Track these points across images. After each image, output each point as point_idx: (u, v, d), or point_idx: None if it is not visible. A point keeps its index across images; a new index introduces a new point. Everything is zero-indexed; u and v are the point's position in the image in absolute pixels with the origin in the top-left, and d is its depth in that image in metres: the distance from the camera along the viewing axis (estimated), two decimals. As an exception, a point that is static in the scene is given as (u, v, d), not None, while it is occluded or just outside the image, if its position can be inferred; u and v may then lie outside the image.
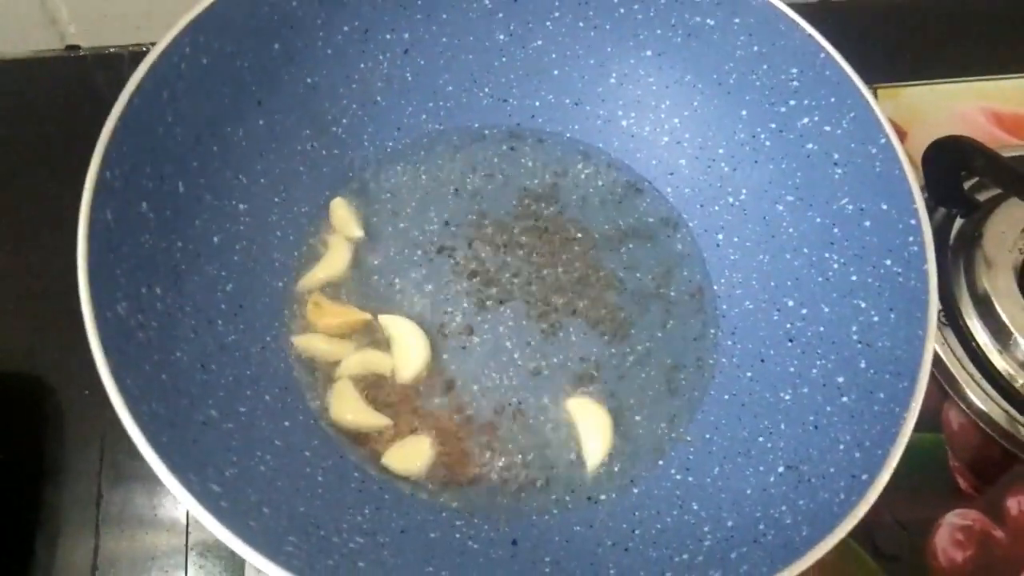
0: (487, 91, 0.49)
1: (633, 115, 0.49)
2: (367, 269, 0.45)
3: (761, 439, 0.39)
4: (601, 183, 0.48)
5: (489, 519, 0.39)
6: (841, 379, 0.39)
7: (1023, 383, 0.45)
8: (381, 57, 0.47)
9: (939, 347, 0.46)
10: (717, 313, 0.45)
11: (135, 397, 0.32)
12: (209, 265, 0.40)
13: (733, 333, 0.44)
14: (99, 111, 0.36)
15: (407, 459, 0.40)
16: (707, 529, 0.37)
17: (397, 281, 0.44)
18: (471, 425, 0.41)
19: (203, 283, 0.39)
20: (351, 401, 0.41)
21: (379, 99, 0.47)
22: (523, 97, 0.49)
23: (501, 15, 0.47)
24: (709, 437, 0.41)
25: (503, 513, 0.39)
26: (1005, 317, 0.45)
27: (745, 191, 0.46)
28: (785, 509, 0.36)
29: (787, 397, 0.40)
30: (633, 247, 0.47)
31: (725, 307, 0.45)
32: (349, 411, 0.40)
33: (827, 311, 0.41)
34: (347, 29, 0.45)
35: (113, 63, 0.55)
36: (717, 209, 0.46)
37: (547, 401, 0.42)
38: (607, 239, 0.47)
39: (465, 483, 0.40)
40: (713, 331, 0.44)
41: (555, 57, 0.48)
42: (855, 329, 0.39)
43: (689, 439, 0.41)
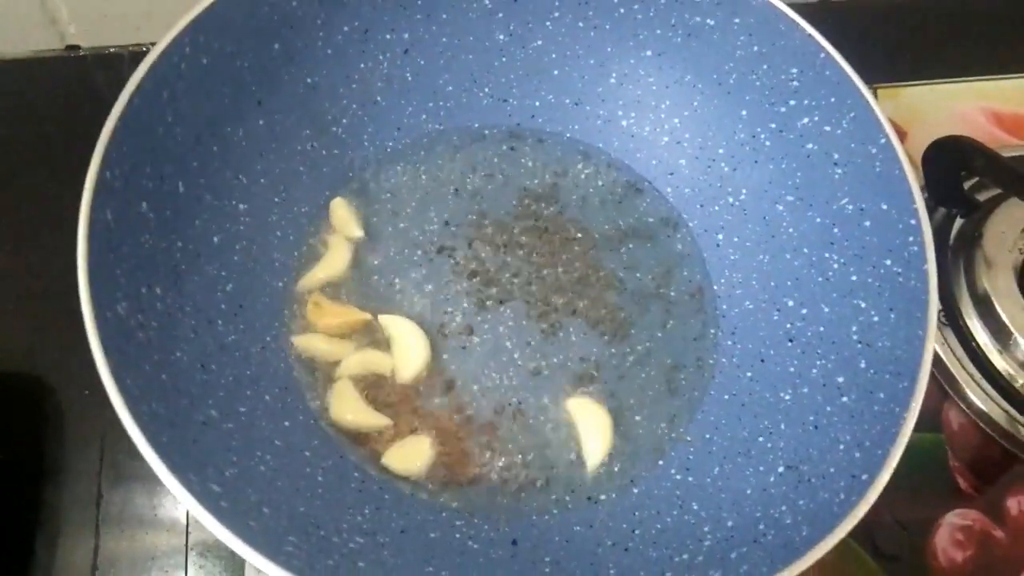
0: (487, 91, 0.49)
1: (633, 115, 0.49)
2: (367, 269, 0.45)
3: (761, 439, 0.39)
4: (601, 183, 0.48)
5: (489, 519, 0.39)
6: (841, 379, 0.39)
7: (1023, 383, 0.45)
8: (381, 57, 0.47)
9: (939, 347, 0.46)
10: (717, 313, 0.45)
11: (135, 397, 0.32)
12: (209, 265, 0.40)
13: (733, 333, 0.44)
14: (99, 111, 0.36)
15: (407, 459, 0.40)
16: (707, 529, 0.37)
17: (397, 281, 0.44)
18: (471, 425, 0.41)
19: (203, 283, 0.39)
20: (351, 401, 0.41)
21: (379, 99, 0.47)
22: (523, 97, 0.49)
23: (501, 15, 0.47)
24: (709, 437, 0.41)
25: (503, 513, 0.39)
26: (1005, 317, 0.45)
27: (745, 191, 0.46)
28: (785, 509, 0.36)
29: (787, 397, 0.40)
30: (633, 247, 0.47)
31: (725, 307, 0.45)
32: (349, 411, 0.40)
33: (827, 311, 0.41)
34: (347, 29, 0.45)
35: (113, 63, 0.55)
36: (717, 209, 0.46)
37: (547, 401, 0.42)
38: (607, 239, 0.47)
39: (465, 483, 0.40)
40: (713, 331, 0.44)
41: (555, 57, 0.48)
42: (855, 329, 0.39)
43: (689, 439, 0.41)
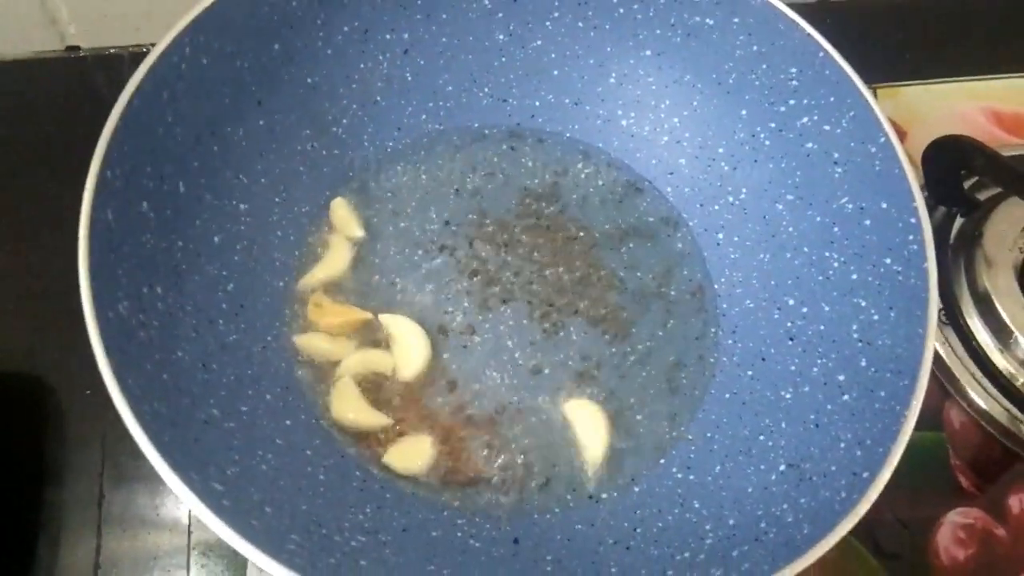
0: (487, 91, 0.49)
1: (633, 115, 0.49)
2: (368, 268, 0.45)
3: (762, 437, 0.39)
4: (601, 182, 0.48)
5: (490, 518, 0.39)
6: (842, 377, 0.39)
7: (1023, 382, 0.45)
8: (381, 57, 0.47)
9: (940, 346, 0.46)
10: (718, 312, 0.45)
11: (137, 396, 0.32)
12: (210, 265, 0.40)
13: (734, 332, 0.44)
14: (99, 112, 0.36)
15: (408, 458, 0.40)
16: (709, 527, 0.37)
17: (398, 280, 0.45)
18: (472, 424, 0.41)
19: (204, 283, 0.39)
20: (352, 400, 0.41)
21: (379, 99, 0.47)
22: (523, 97, 0.49)
23: (501, 15, 0.47)
24: (710, 435, 0.41)
25: (504, 512, 0.39)
26: (1005, 316, 0.45)
27: (745, 190, 0.46)
28: (786, 507, 0.36)
29: (788, 395, 0.40)
30: (634, 246, 0.47)
31: (726, 306, 0.45)
32: (350, 410, 0.40)
33: (827, 309, 0.41)
34: (347, 29, 0.45)
35: (113, 64, 0.55)
36: (717, 208, 0.46)
37: (548, 400, 0.42)
38: (608, 238, 0.47)
39: (466, 482, 0.40)
40: (714, 330, 0.44)
41: (555, 57, 0.48)
42: (855, 327, 0.39)
43: (690, 437, 0.41)
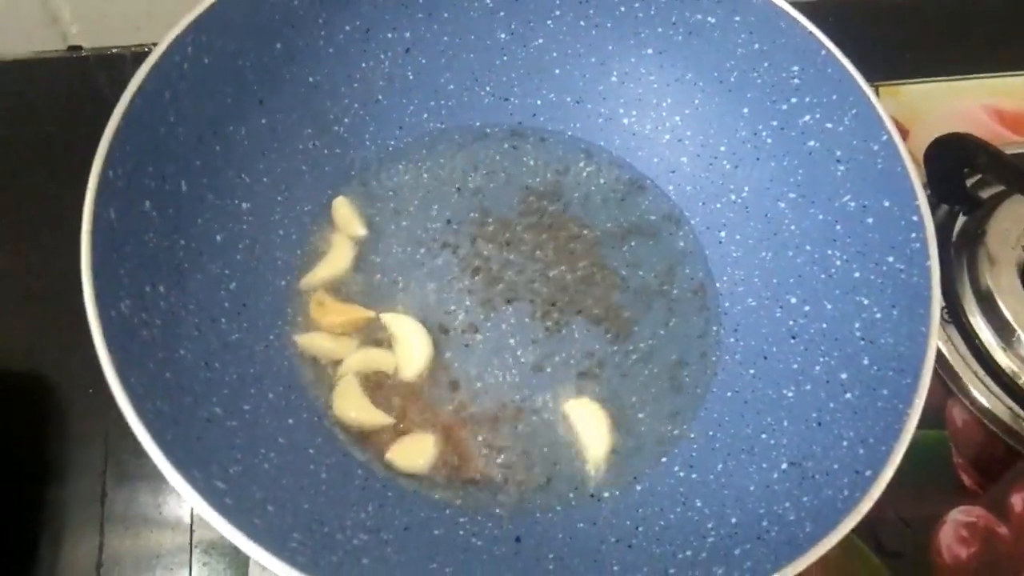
0: (488, 90, 0.49)
1: (634, 113, 0.49)
2: (370, 267, 0.45)
3: (764, 436, 0.39)
4: (603, 181, 0.48)
5: (492, 516, 0.39)
6: (844, 376, 0.39)
7: (1026, 380, 0.45)
8: (383, 56, 0.47)
9: (942, 344, 0.46)
10: (720, 310, 0.45)
11: (139, 395, 0.32)
12: (212, 264, 0.40)
13: (736, 330, 0.44)
14: (101, 111, 0.36)
15: (410, 456, 0.40)
16: (710, 526, 0.37)
17: (400, 279, 0.45)
18: (474, 422, 0.41)
19: (206, 281, 0.39)
20: (354, 399, 0.41)
21: (381, 98, 0.47)
22: (524, 96, 0.49)
23: (502, 14, 0.47)
24: (712, 434, 0.41)
25: (506, 510, 0.39)
26: (1008, 314, 0.45)
27: (747, 188, 0.46)
28: (788, 505, 0.36)
29: (790, 394, 0.40)
30: (636, 244, 0.47)
31: (728, 304, 0.45)
32: (352, 409, 0.40)
33: (830, 308, 0.41)
34: (348, 28, 0.45)
35: (115, 63, 0.55)
36: (719, 206, 0.46)
37: (550, 399, 0.42)
38: (610, 236, 0.47)
39: (468, 480, 0.40)
40: (716, 328, 0.44)
41: (556, 56, 0.48)
42: (858, 326, 0.39)
43: (692, 436, 0.41)
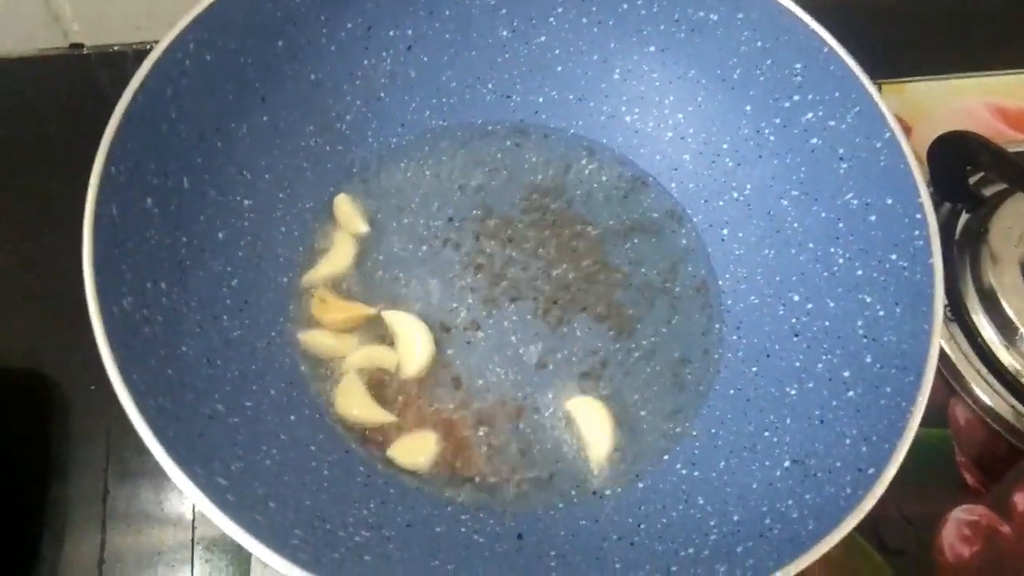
0: (491, 87, 0.49)
1: (637, 111, 0.49)
2: (372, 264, 0.45)
3: (767, 433, 0.39)
4: (606, 178, 0.48)
5: (494, 513, 0.39)
6: (847, 374, 0.39)
7: (1029, 378, 0.45)
8: (384, 54, 0.47)
9: (945, 343, 0.46)
10: (722, 308, 0.45)
11: (141, 392, 0.32)
12: (214, 260, 0.40)
13: (738, 328, 0.44)
14: (103, 109, 0.35)
15: (412, 454, 0.40)
16: (713, 523, 0.37)
17: (402, 276, 0.44)
18: (476, 420, 0.41)
19: (208, 278, 0.39)
20: (356, 396, 0.41)
21: (383, 95, 0.47)
22: (527, 93, 0.49)
23: (504, 11, 0.47)
24: (715, 432, 0.41)
25: (508, 507, 0.39)
26: (1011, 312, 0.45)
27: (749, 186, 0.46)
28: (791, 503, 0.36)
29: (793, 392, 0.40)
30: (638, 242, 0.47)
31: (730, 302, 0.45)
32: (354, 406, 0.40)
33: (832, 306, 0.41)
34: (350, 26, 0.45)
35: (117, 61, 0.55)
36: (722, 204, 0.46)
37: (552, 396, 0.42)
38: (612, 234, 0.47)
39: (470, 477, 0.40)
40: (718, 326, 0.44)
41: (558, 53, 0.48)
42: (861, 324, 0.39)
43: (695, 433, 0.41)
